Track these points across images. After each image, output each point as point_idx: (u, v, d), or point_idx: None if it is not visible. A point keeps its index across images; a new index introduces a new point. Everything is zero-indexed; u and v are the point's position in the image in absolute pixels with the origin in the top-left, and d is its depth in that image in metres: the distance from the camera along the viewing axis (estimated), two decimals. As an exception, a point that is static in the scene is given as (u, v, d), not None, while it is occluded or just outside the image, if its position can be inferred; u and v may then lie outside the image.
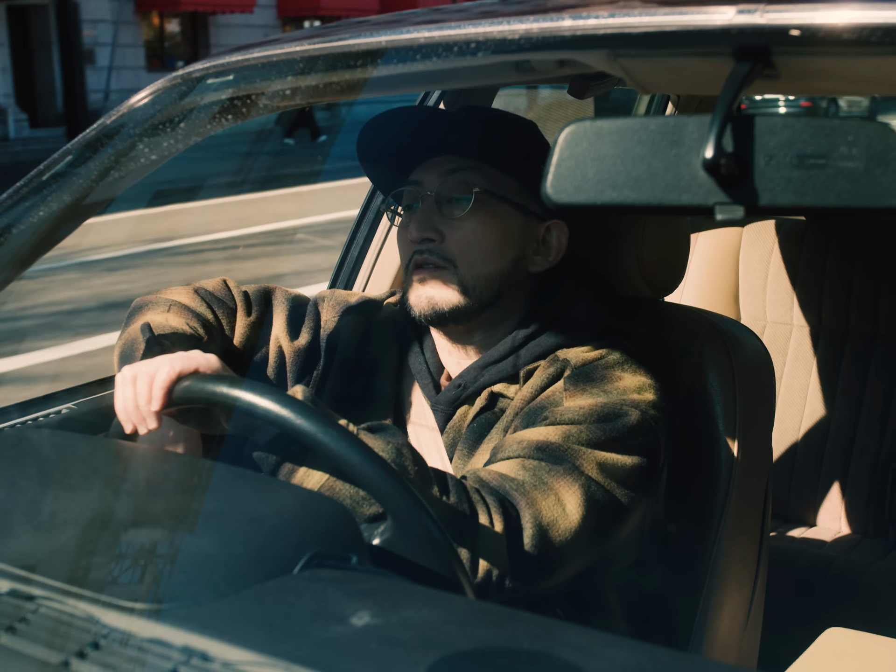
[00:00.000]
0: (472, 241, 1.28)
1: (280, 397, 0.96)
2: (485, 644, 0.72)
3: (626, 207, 0.77)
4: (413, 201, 1.33)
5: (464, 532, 1.05)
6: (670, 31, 0.86)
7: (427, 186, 1.31)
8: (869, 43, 0.79)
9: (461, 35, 0.94)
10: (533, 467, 1.12)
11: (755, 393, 1.42)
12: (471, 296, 1.28)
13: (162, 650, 0.70)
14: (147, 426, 1.08)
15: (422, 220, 1.29)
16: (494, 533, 1.07)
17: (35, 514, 0.88)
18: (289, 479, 1.06)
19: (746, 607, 1.43)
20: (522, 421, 1.23)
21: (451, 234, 1.29)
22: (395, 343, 1.40)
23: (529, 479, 1.11)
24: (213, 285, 1.41)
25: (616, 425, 1.17)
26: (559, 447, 1.14)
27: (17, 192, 1.12)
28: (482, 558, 1.06)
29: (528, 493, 1.10)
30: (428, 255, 1.29)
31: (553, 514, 1.10)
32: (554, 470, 1.12)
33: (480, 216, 1.29)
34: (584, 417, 1.18)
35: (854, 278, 2.25)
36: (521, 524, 1.09)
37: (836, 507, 2.23)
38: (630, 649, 0.73)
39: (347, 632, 0.71)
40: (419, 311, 1.29)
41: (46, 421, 1.43)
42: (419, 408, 1.36)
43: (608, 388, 1.21)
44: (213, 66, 1.11)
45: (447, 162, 1.31)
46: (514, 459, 1.14)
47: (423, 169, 1.32)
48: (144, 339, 1.22)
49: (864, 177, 0.71)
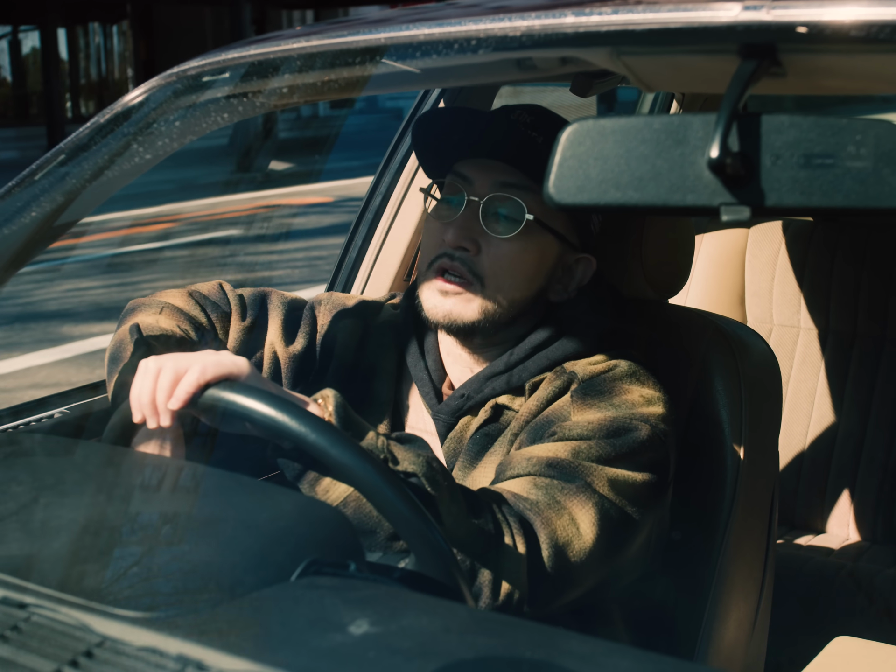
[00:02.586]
0: (508, 264, 1.24)
1: (311, 421, 0.94)
2: (485, 653, 0.71)
3: (629, 208, 0.76)
4: (454, 194, 1.27)
5: (488, 552, 1.04)
6: (675, 28, 0.85)
7: (477, 189, 1.25)
8: (877, 40, 0.79)
9: (462, 32, 0.93)
10: (545, 485, 1.11)
11: (761, 397, 1.40)
12: (490, 316, 1.25)
13: (156, 659, 0.69)
14: (160, 422, 1.05)
15: (463, 227, 1.24)
16: (517, 554, 1.05)
17: (27, 519, 0.87)
18: (312, 488, 1.04)
19: (752, 615, 1.42)
20: (529, 435, 1.21)
21: (489, 250, 1.24)
22: (395, 347, 1.38)
23: (543, 498, 1.10)
24: (209, 288, 1.39)
25: (626, 440, 1.15)
26: (570, 464, 1.13)
27: (9, 192, 1.12)
28: (505, 580, 1.05)
29: (542, 513, 1.09)
30: (459, 265, 1.24)
31: (568, 534, 1.09)
32: (566, 488, 1.11)
33: (524, 242, 1.24)
34: (594, 432, 1.16)
35: (862, 280, 2.24)
36: (539, 545, 1.08)
37: (844, 513, 2.21)
38: (633, 658, 0.72)
39: (346, 640, 0.70)
40: (433, 319, 1.26)
41: (39, 425, 1.42)
42: (418, 414, 1.34)
43: (616, 402, 1.19)
44: (209, 64, 1.10)
45: (504, 172, 1.24)
46: (525, 477, 1.12)
47: (475, 167, 1.26)
48: (132, 339, 1.21)
49: (873, 177, 0.70)
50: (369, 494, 0.92)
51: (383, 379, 1.36)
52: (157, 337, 1.24)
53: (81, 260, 7.52)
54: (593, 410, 1.18)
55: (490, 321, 1.26)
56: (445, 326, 1.26)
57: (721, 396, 1.35)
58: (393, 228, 1.91)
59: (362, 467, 0.92)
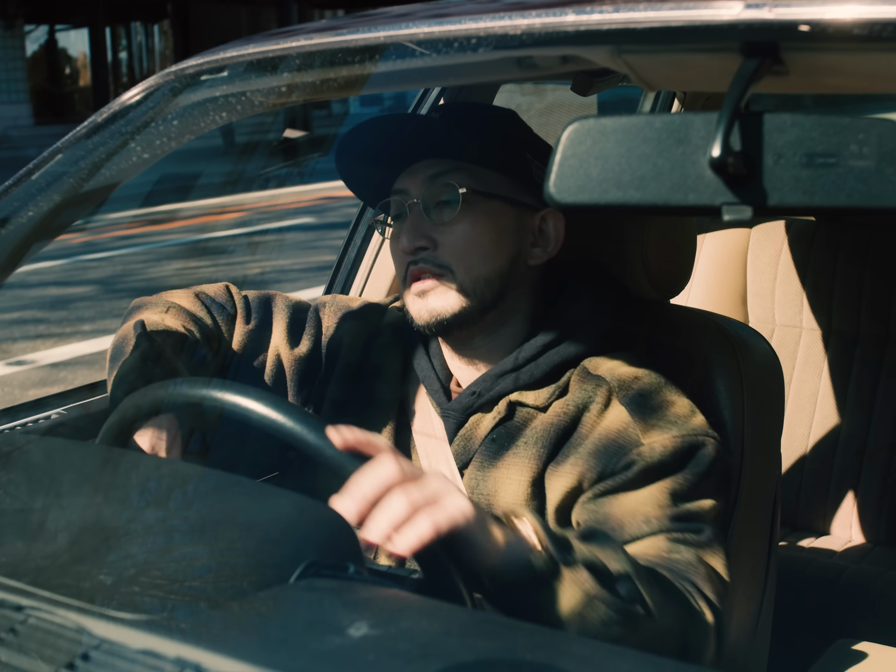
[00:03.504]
0: (466, 243, 1.26)
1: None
2: (485, 655, 0.71)
3: (630, 207, 0.76)
4: (400, 210, 1.30)
5: (682, 620, 1.07)
6: (676, 27, 0.85)
7: (412, 194, 1.28)
8: (879, 38, 0.78)
9: (461, 30, 0.93)
10: (680, 540, 1.14)
11: (764, 398, 1.40)
12: (472, 299, 1.26)
13: (154, 662, 0.69)
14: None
15: (412, 230, 1.26)
16: (706, 623, 1.09)
17: (24, 521, 0.86)
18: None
19: (755, 618, 1.41)
20: (596, 458, 1.19)
21: (444, 239, 1.26)
22: (399, 348, 1.38)
23: (691, 557, 1.13)
24: (215, 290, 1.40)
25: (701, 462, 1.18)
26: (682, 511, 1.15)
27: (6, 191, 1.11)
28: (700, 644, 1.09)
29: (697, 570, 1.12)
30: (423, 265, 1.26)
31: (717, 588, 1.13)
32: (696, 539, 1.15)
33: (471, 217, 1.26)
34: (674, 459, 1.17)
35: (865, 280, 2.23)
36: (706, 604, 1.11)
37: (846, 515, 2.20)
38: (634, 660, 0.71)
39: (345, 643, 0.69)
40: (421, 323, 1.27)
41: (36, 426, 1.42)
42: (424, 414, 1.34)
43: (671, 418, 1.20)
44: (207, 63, 1.10)
45: (429, 166, 1.28)
46: (657, 536, 1.14)
47: (406, 176, 1.30)
48: (135, 335, 1.20)
49: (876, 176, 0.70)
50: None
51: (387, 380, 1.36)
52: (160, 333, 1.23)
53: (171, 244, 8.45)
54: (657, 431, 1.19)
55: (476, 303, 1.26)
56: (436, 326, 1.26)
57: (723, 397, 1.34)
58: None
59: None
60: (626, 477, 1.17)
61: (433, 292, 1.26)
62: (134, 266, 7.92)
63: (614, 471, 1.18)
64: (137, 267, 7.90)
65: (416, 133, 1.29)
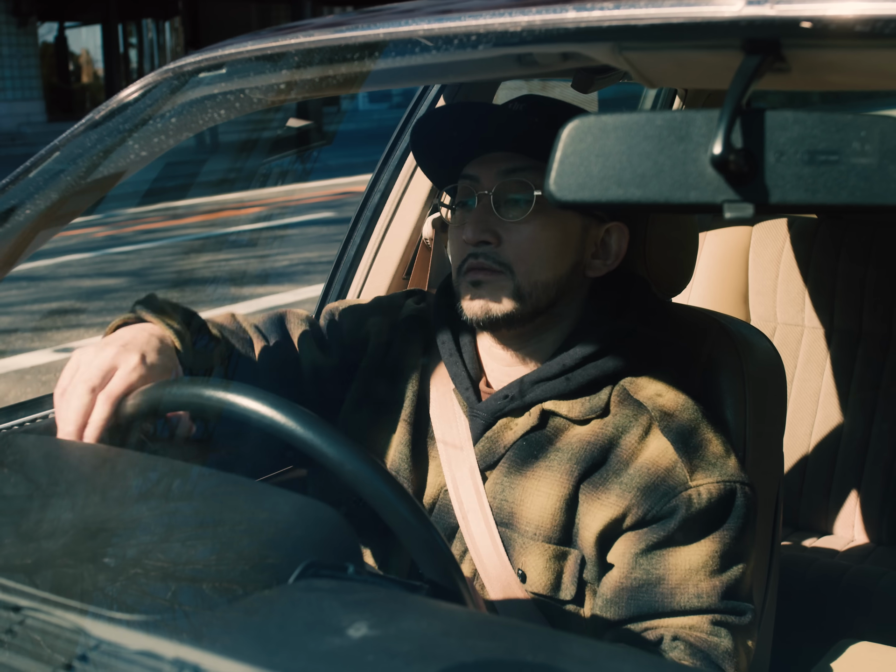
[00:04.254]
0: (531, 246, 1.23)
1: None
2: (485, 656, 0.71)
3: (631, 205, 0.75)
4: (467, 197, 1.28)
5: None
6: (677, 23, 0.84)
7: (484, 184, 1.25)
8: (881, 35, 0.78)
9: (461, 27, 0.92)
10: (722, 623, 1.16)
11: (765, 397, 1.39)
12: (526, 302, 1.24)
13: (152, 663, 0.69)
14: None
15: (478, 222, 1.24)
16: None
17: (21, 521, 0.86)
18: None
19: (757, 617, 1.40)
20: (633, 483, 1.18)
21: (509, 237, 1.24)
22: (421, 343, 1.37)
23: (729, 645, 1.16)
24: (223, 320, 1.36)
25: (739, 510, 1.19)
26: (730, 579, 1.17)
27: (3, 189, 1.11)
28: None
29: (731, 660, 1.15)
30: (483, 260, 1.24)
31: (746, 660, 1.18)
32: (737, 623, 1.17)
33: (540, 220, 1.24)
34: (718, 505, 1.18)
35: (867, 278, 2.23)
36: None
37: (849, 514, 2.19)
38: (635, 662, 0.71)
39: (344, 643, 0.69)
40: (471, 316, 1.25)
41: (34, 425, 1.42)
42: (445, 410, 1.31)
43: (711, 458, 1.20)
44: (205, 60, 1.09)
45: (506, 159, 1.25)
46: (703, 616, 1.16)
47: (480, 164, 1.27)
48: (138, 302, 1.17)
49: (878, 173, 0.69)
50: (370, 497, 0.91)
51: (409, 375, 1.35)
52: (168, 303, 1.20)
53: (196, 237, 8.77)
54: (702, 474, 1.18)
55: (529, 306, 1.24)
56: (484, 321, 1.25)
57: (725, 396, 1.34)
58: (392, 226, 1.89)
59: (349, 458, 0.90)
60: (675, 526, 1.17)
61: (488, 288, 1.24)
62: (163, 259, 8.15)
63: (662, 514, 1.17)
64: (166, 259, 8.12)
65: (496, 122, 1.27)
